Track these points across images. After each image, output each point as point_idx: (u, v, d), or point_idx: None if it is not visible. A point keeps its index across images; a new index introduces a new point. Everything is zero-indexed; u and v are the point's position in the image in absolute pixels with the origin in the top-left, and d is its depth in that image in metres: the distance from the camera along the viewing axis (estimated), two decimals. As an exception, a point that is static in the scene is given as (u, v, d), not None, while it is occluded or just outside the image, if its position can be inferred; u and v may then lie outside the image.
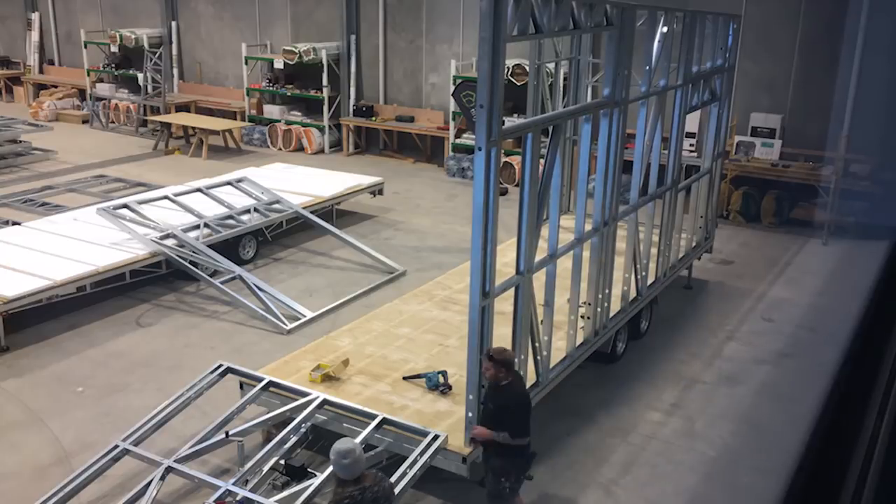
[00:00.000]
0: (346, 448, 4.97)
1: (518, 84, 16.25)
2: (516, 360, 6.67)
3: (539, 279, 6.92)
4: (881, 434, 2.14)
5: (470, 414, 6.18)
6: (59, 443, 7.46)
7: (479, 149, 5.54)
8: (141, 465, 6.76)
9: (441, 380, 7.09)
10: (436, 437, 6.28)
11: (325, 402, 6.81)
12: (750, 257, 13.14)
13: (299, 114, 20.63)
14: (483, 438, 5.94)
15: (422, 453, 6.15)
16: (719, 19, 10.21)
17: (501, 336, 7.07)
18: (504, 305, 6.98)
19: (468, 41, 18.45)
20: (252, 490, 6.23)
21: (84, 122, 23.42)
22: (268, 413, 7.55)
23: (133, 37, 22.79)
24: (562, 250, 7.18)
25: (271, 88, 20.87)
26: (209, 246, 11.15)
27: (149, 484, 6.28)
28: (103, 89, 23.62)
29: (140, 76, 22.36)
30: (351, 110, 20.07)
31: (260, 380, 7.17)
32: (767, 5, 15.06)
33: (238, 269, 10.70)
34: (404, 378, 7.29)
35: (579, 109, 8.36)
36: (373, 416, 6.55)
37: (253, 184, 13.09)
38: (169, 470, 6.38)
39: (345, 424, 6.73)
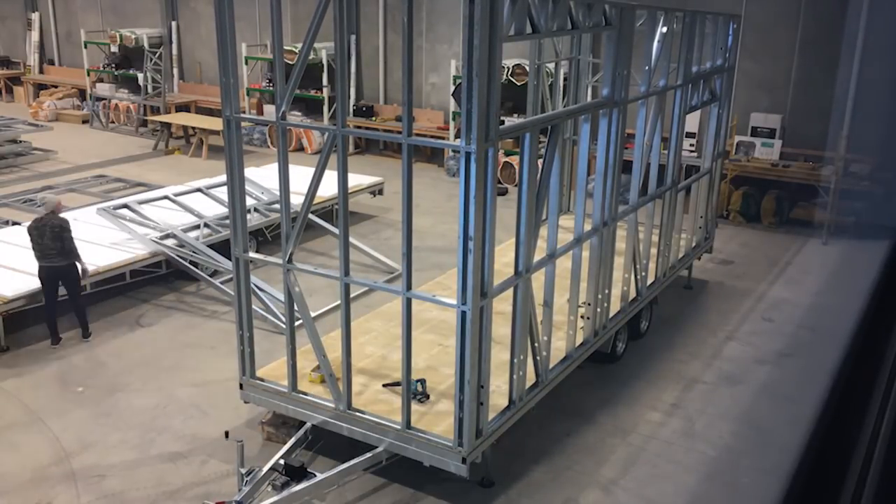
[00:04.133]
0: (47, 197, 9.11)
1: (518, 84, 16.25)
2: (516, 360, 6.67)
3: (538, 279, 6.92)
4: (881, 434, 2.14)
5: (460, 414, 6.16)
6: (59, 443, 7.46)
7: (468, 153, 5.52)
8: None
9: (419, 388, 7.04)
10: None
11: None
12: (750, 257, 13.14)
13: (299, 114, 20.63)
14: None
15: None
16: (719, 19, 10.21)
17: (501, 336, 7.08)
18: (504, 305, 6.99)
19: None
20: (251, 490, 6.24)
21: (84, 122, 23.44)
22: (268, 413, 7.58)
23: (133, 37, 22.80)
24: (561, 250, 7.18)
25: (271, 88, 20.87)
26: (209, 246, 11.15)
27: None
28: (103, 89, 23.64)
29: (140, 76, 22.37)
30: (351, 110, 20.07)
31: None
32: (767, 5, 15.06)
33: (238, 269, 10.69)
34: (384, 385, 7.26)
35: (578, 109, 8.36)
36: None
37: (253, 184, 13.08)
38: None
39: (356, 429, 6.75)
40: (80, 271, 9.36)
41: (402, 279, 6.17)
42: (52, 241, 9.00)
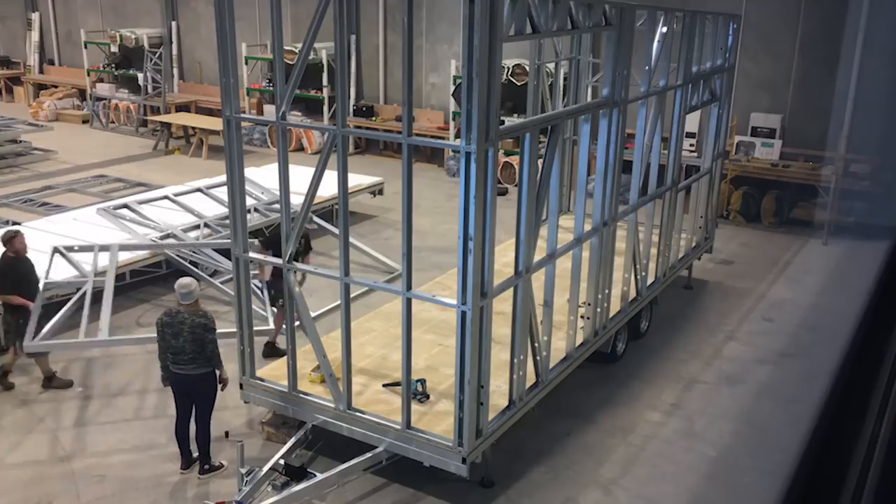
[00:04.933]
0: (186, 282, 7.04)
1: (518, 84, 16.25)
2: (516, 360, 6.66)
3: (538, 279, 6.92)
4: (881, 434, 2.14)
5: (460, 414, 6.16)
6: (59, 443, 7.46)
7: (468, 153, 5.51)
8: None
9: (419, 388, 7.03)
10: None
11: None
12: (750, 257, 13.14)
13: (299, 114, 20.63)
14: None
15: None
16: (719, 19, 10.21)
17: (501, 336, 7.08)
18: (504, 305, 6.98)
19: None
20: (251, 490, 6.24)
21: (84, 122, 23.43)
22: (268, 413, 7.58)
23: (133, 37, 22.79)
24: (561, 250, 7.18)
25: (271, 88, 20.85)
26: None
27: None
28: (103, 89, 23.63)
29: (140, 76, 22.37)
30: (351, 110, 20.06)
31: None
32: (767, 5, 15.06)
33: (238, 269, 10.69)
34: (384, 385, 7.25)
35: (578, 109, 8.36)
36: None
37: (253, 184, 13.07)
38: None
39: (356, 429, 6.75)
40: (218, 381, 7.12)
41: (402, 279, 6.17)
42: (191, 343, 6.84)
